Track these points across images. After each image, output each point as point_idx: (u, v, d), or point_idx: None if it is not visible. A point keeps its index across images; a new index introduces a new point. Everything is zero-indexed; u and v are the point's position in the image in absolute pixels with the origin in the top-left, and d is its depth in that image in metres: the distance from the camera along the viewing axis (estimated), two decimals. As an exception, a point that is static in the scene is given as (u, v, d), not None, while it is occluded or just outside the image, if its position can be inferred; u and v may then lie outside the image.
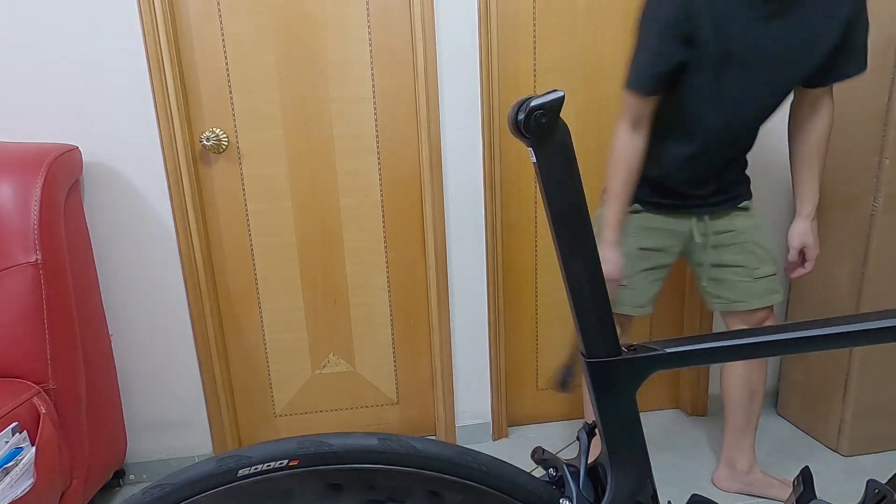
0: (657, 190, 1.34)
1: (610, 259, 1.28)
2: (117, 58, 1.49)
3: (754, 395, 1.47)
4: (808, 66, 1.19)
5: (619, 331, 1.36)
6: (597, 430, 0.62)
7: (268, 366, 1.80)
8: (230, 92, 1.60)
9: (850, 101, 1.61)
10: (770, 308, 1.41)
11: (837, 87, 1.64)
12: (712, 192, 1.34)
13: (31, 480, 1.16)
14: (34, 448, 1.19)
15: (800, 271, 1.37)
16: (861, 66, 1.23)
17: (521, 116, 0.49)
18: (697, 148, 1.28)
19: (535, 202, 1.80)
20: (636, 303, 1.41)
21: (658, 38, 1.15)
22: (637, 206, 1.36)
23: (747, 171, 1.40)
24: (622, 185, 1.26)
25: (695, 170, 1.31)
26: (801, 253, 1.36)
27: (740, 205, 1.38)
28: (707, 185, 1.33)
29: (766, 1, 1.11)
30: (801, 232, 1.34)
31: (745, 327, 1.35)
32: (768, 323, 1.43)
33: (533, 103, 0.49)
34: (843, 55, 1.19)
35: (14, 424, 1.15)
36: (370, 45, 1.62)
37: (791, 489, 0.71)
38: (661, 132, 1.29)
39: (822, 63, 1.19)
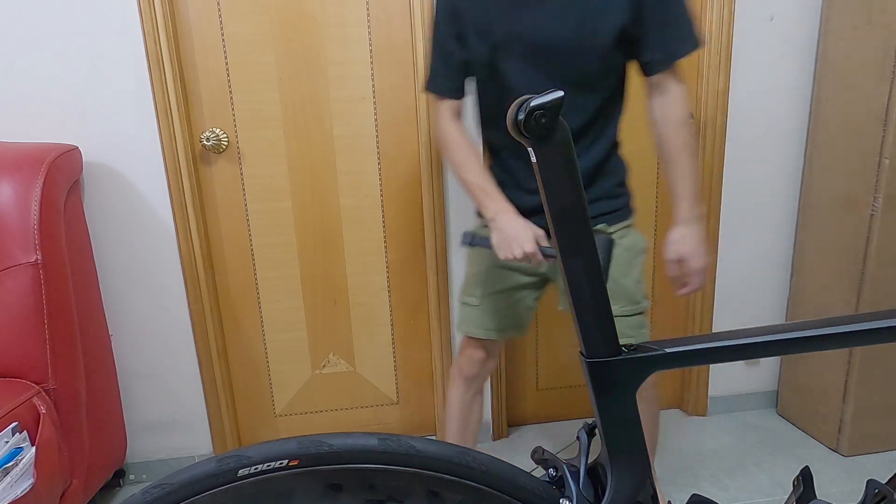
0: (512, 202, 1.16)
1: (514, 228, 1.05)
2: (117, 58, 1.49)
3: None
4: (593, 51, 1.04)
5: (474, 360, 1.27)
6: (597, 430, 0.62)
7: (268, 366, 1.80)
8: (230, 92, 1.60)
9: (850, 101, 1.61)
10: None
11: (838, 86, 1.65)
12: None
13: (31, 480, 1.16)
14: (34, 448, 1.19)
15: (683, 289, 1.13)
16: (690, 42, 1.05)
17: (521, 116, 0.49)
18: (511, 152, 1.17)
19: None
20: (495, 325, 1.24)
21: (439, 37, 1.14)
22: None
23: (627, 185, 1.21)
24: (464, 154, 1.15)
25: (524, 177, 1.16)
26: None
27: (597, 226, 1.16)
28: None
29: None
30: (675, 240, 1.12)
31: None
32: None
33: (533, 103, 0.49)
34: (652, 34, 1.04)
35: (14, 424, 1.15)
36: (370, 45, 1.62)
37: None
38: (483, 134, 1.24)
39: (615, 46, 1.04)
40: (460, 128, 1.19)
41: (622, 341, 1.14)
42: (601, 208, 1.16)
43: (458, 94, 1.19)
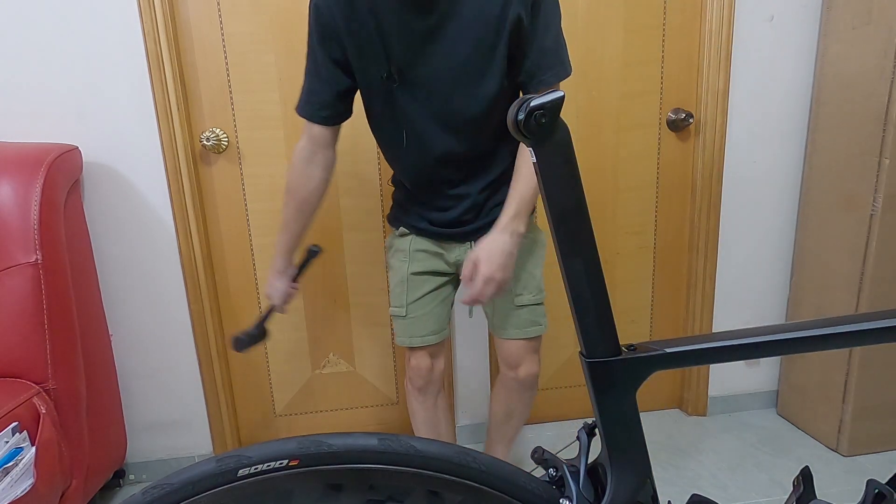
0: (421, 216, 1.21)
1: (273, 286, 1.31)
2: (117, 58, 1.49)
3: (510, 418, 1.38)
4: (482, 82, 1.05)
5: (421, 369, 1.28)
6: (597, 430, 0.62)
7: (268, 366, 1.80)
8: (230, 92, 1.60)
9: (851, 101, 1.61)
10: (533, 340, 1.24)
11: (838, 86, 1.65)
12: (468, 219, 1.18)
13: (31, 480, 1.16)
14: (34, 448, 1.19)
15: (466, 295, 1.07)
16: (557, 69, 1.06)
17: (521, 116, 0.49)
18: (411, 175, 1.18)
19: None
20: (430, 330, 1.25)
21: (316, 60, 1.08)
22: (404, 229, 1.25)
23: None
24: (291, 213, 1.23)
25: (426, 196, 1.19)
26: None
27: None
28: (455, 209, 1.17)
29: (423, 16, 0.99)
30: (480, 244, 1.07)
31: (502, 354, 1.28)
32: (529, 358, 1.26)
33: (533, 103, 0.49)
34: (527, 60, 1.04)
35: (14, 424, 1.15)
36: (370, 45, 1.62)
37: None
38: (385, 157, 1.24)
39: (500, 75, 1.05)
40: (310, 170, 1.18)
41: (531, 331, 1.15)
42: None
43: (333, 121, 1.14)
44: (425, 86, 1.05)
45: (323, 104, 1.12)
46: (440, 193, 1.18)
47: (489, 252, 1.04)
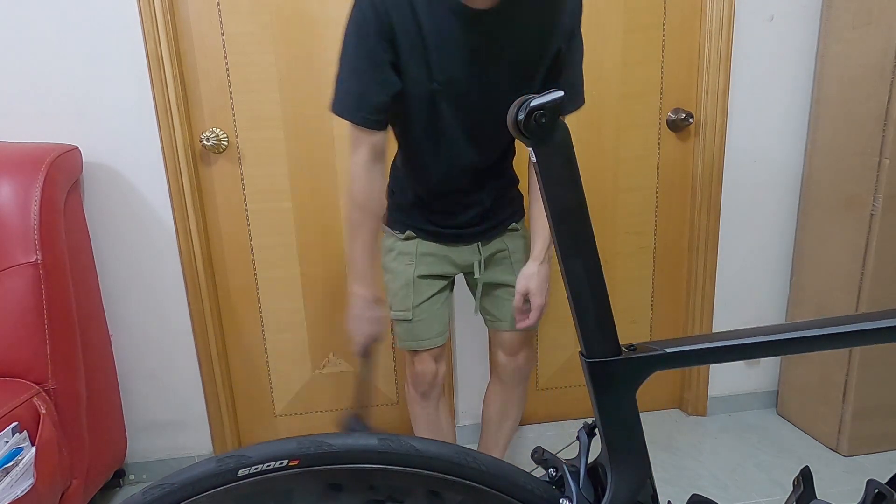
0: (428, 220, 1.22)
1: (352, 321, 1.12)
2: (117, 58, 1.49)
3: (504, 419, 1.40)
4: (514, 97, 1.09)
5: (427, 374, 1.27)
6: (597, 430, 0.62)
7: (268, 366, 1.80)
8: (230, 92, 1.60)
9: (851, 101, 1.61)
10: (527, 332, 1.29)
11: (839, 86, 1.65)
12: (475, 222, 1.21)
13: (31, 480, 1.16)
14: (34, 448, 1.19)
15: (524, 322, 1.17)
16: (577, 102, 1.13)
17: (521, 116, 0.49)
18: (431, 183, 1.17)
19: (535, 202, 1.80)
20: (435, 332, 1.26)
21: (369, 62, 0.99)
22: (410, 232, 1.23)
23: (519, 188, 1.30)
24: (370, 230, 1.11)
25: (438, 202, 1.20)
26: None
27: (510, 226, 1.26)
28: (464, 214, 1.19)
29: (475, 32, 0.99)
30: (527, 275, 1.14)
31: (501, 343, 1.30)
32: (528, 346, 1.31)
33: (533, 103, 0.49)
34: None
35: (14, 424, 1.15)
36: (370, 45, 1.62)
37: None
38: (400, 159, 1.20)
39: (533, 85, 1.09)
40: (376, 179, 1.09)
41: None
42: (515, 209, 1.29)
43: (385, 126, 1.07)
44: (466, 100, 1.05)
45: (379, 107, 1.02)
46: (453, 201, 1.19)
47: (538, 284, 1.14)
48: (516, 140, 1.14)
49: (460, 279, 1.35)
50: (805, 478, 0.65)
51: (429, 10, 0.96)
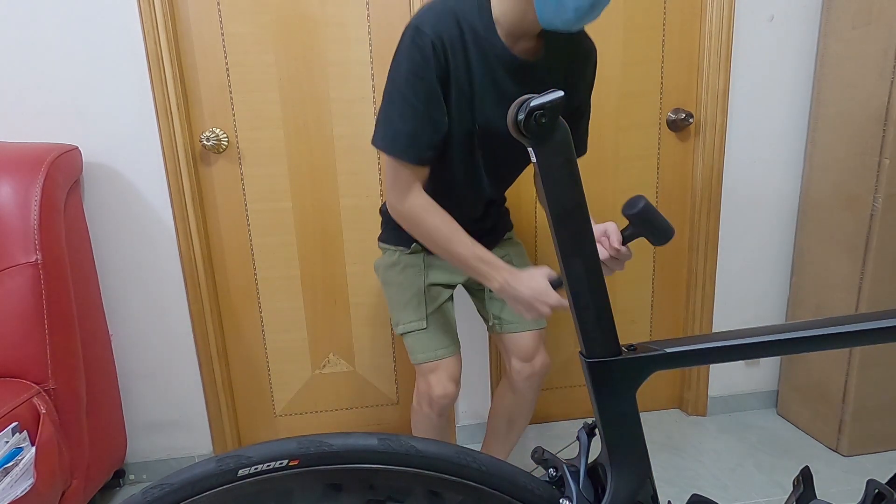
0: None
1: (528, 288, 0.98)
2: (117, 58, 1.49)
3: (512, 426, 1.39)
4: None
5: (447, 387, 1.21)
6: (597, 430, 0.62)
7: (268, 366, 1.80)
8: (230, 92, 1.60)
9: (850, 101, 1.61)
10: (542, 331, 1.29)
11: (838, 86, 1.65)
12: (478, 238, 1.17)
13: (31, 480, 1.16)
14: (34, 448, 1.19)
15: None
16: (582, 151, 1.21)
17: (521, 116, 0.49)
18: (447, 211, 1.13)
19: (535, 203, 1.80)
20: (450, 339, 1.24)
21: (425, 99, 0.99)
22: (417, 245, 1.22)
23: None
24: (454, 235, 1.05)
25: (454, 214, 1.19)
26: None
27: (505, 237, 1.33)
28: (469, 232, 1.16)
29: (518, 83, 1.02)
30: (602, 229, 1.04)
31: (515, 350, 1.28)
32: (542, 348, 1.29)
33: (533, 103, 0.49)
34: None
35: (14, 424, 1.15)
36: (370, 45, 1.62)
37: None
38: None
39: None
40: (438, 207, 1.07)
41: (541, 322, 1.13)
42: (507, 220, 1.37)
43: (433, 161, 1.06)
44: (497, 141, 1.08)
45: (431, 145, 1.02)
46: (463, 225, 1.17)
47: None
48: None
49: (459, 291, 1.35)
50: (805, 478, 0.65)
51: (480, 56, 0.99)
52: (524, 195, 1.78)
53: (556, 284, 0.97)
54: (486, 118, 1.05)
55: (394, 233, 1.26)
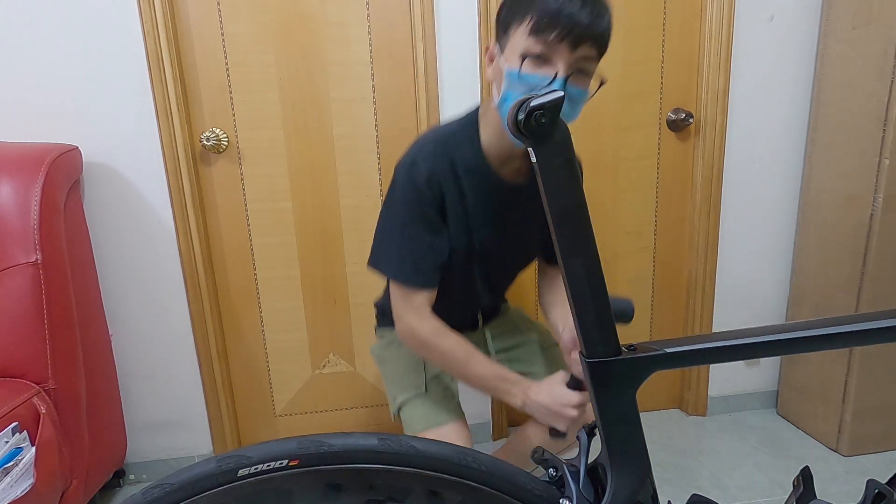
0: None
1: (550, 398, 0.96)
2: (117, 58, 1.49)
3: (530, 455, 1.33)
4: (536, 254, 1.23)
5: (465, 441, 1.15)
6: (597, 430, 0.62)
7: (268, 366, 1.80)
8: (230, 92, 1.60)
9: (850, 101, 1.61)
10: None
11: (838, 86, 1.65)
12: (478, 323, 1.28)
13: (31, 480, 1.16)
14: (34, 448, 1.18)
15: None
16: None
17: (521, 116, 0.49)
18: (443, 316, 1.13)
19: (535, 202, 1.80)
20: (454, 404, 1.19)
21: (426, 228, 1.03)
22: None
23: None
24: (471, 357, 1.04)
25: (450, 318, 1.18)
26: None
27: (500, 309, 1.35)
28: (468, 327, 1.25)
29: (509, 207, 1.08)
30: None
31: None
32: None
33: (533, 103, 0.49)
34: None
35: (14, 424, 1.15)
36: (370, 45, 1.62)
37: None
38: None
39: (544, 249, 1.22)
40: (450, 330, 1.07)
41: (562, 364, 1.09)
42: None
43: (437, 283, 1.08)
44: (495, 256, 1.13)
45: (435, 268, 1.05)
46: (458, 325, 1.18)
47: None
48: None
49: None
50: (805, 478, 0.65)
51: (472, 183, 1.04)
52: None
53: (574, 385, 0.95)
54: (482, 238, 1.09)
55: (388, 317, 1.23)
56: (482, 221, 1.07)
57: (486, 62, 0.99)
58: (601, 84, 0.93)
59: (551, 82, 0.86)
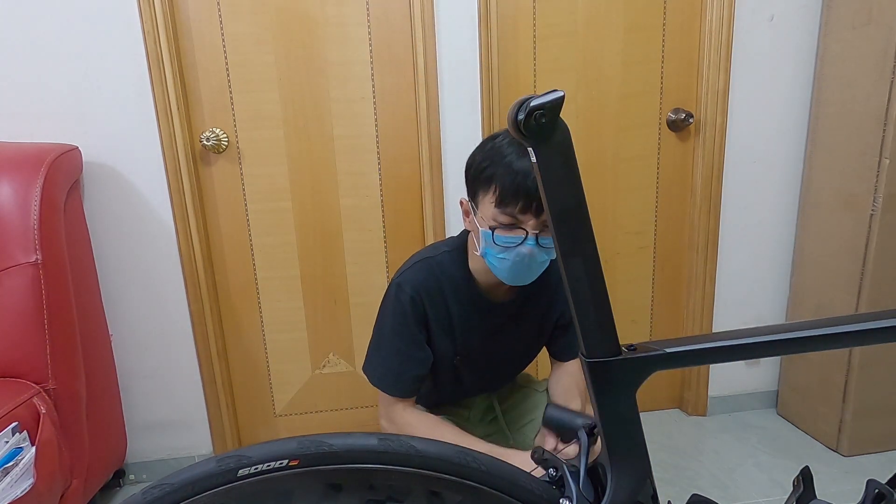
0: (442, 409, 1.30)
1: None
2: (117, 58, 1.49)
3: None
4: (530, 359, 1.27)
5: None
6: (597, 430, 0.62)
7: (268, 366, 1.80)
8: (230, 92, 1.60)
9: (850, 101, 1.61)
10: None
11: (838, 86, 1.65)
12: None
13: (31, 480, 1.16)
14: (34, 448, 1.18)
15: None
16: (573, 354, 1.24)
17: (521, 116, 0.49)
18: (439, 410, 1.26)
19: (535, 202, 1.80)
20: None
21: (408, 342, 1.12)
22: (420, 406, 1.27)
23: None
24: (460, 436, 1.09)
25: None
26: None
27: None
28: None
29: (492, 317, 1.14)
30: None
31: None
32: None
33: (533, 103, 0.48)
34: (557, 344, 1.24)
35: (14, 424, 1.15)
36: (370, 45, 1.62)
37: None
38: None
39: (541, 347, 1.26)
40: (425, 414, 1.17)
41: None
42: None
43: (416, 392, 1.19)
44: (482, 364, 1.19)
45: (416, 379, 1.14)
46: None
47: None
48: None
49: None
50: (805, 478, 0.65)
51: (457, 301, 1.11)
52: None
53: (538, 458, 0.81)
54: (467, 348, 1.15)
55: None
56: (467, 335, 1.14)
57: (462, 214, 1.09)
58: None
59: (524, 241, 0.96)
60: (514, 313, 1.16)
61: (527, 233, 0.95)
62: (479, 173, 0.99)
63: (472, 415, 1.30)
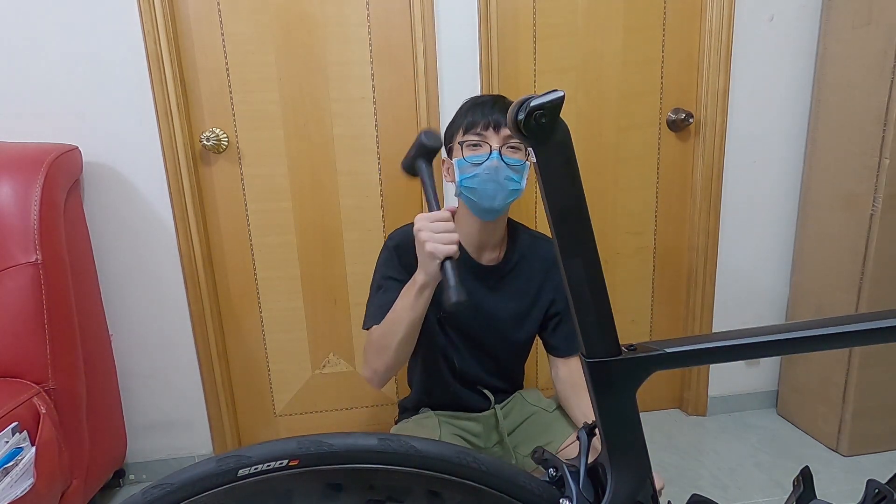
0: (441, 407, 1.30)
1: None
2: (117, 58, 1.49)
3: None
4: (519, 338, 1.25)
5: None
6: (597, 430, 0.62)
7: (268, 366, 1.80)
8: (230, 92, 1.60)
9: (850, 101, 1.61)
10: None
11: (838, 86, 1.65)
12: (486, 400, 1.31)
13: (31, 480, 1.16)
14: (34, 448, 1.18)
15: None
16: (571, 349, 1.25)
17: (521, 116, 0.49)
18: (436, 394, 1.28)
19: (536, 202, 1.80)
20: None
21: (391, 281, 1.17)
22: (427, 410, 1.29)
23: None
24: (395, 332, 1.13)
25: (453, 400, 1.28)
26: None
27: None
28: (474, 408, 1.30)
29: (478, 275, 1.18)
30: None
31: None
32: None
33: (533, 103, 0.48)
34: (554, 335, 1.26)
35: (14, 424, 1.15)
36: (370, 45, 1.62)
37: None
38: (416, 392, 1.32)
39: (531, 336, 1.26)
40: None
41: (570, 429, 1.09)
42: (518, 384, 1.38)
43: None
44: (470, 328, 1.21)
45: None
46: (457, 407, 1.28)
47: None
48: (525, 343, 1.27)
49: None
50: (805, 478, 0.65)
51: None
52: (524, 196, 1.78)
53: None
54: (449, 302, 1.14)
55: (400, 415, 1.36)
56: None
57: (444, 174, 1.18)
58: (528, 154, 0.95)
59: (489, 156, 1.07)
60: (500, 278, 1.21)
61: (491, 147, 1.07)
62: (451, 124, 1.15)
63: (480, 430, 1.28)
